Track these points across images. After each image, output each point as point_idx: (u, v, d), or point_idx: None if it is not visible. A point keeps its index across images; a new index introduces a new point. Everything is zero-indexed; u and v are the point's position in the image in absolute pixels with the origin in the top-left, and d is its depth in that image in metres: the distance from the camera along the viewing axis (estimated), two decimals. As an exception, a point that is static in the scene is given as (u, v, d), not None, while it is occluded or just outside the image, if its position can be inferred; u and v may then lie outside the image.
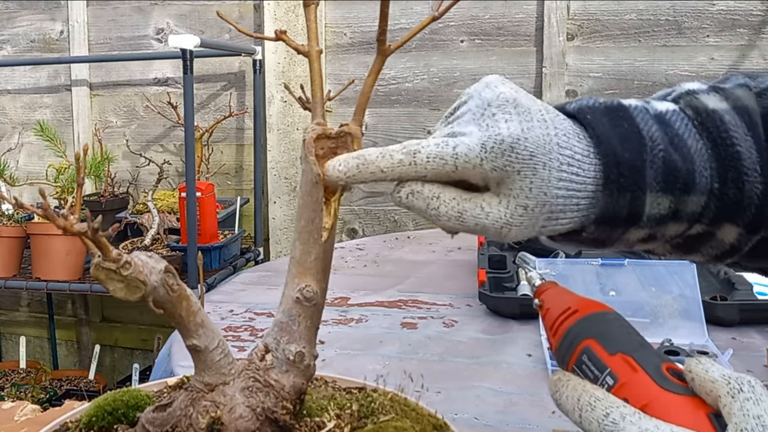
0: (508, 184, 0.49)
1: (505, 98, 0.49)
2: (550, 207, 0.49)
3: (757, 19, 2.39)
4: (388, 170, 0.49)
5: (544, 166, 0.48)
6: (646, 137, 0.50)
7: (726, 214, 0.52)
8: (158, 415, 0.51)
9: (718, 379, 0.42)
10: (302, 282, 0.53)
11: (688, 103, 0.54)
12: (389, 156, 0.49)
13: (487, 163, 0.48)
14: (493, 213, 0.49)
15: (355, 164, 0.50)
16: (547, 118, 0.50)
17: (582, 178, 0.49)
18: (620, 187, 0.49)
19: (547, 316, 0.55)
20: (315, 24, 0.55)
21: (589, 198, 0.50)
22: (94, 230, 0.44)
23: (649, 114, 0.52)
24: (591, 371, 0.48)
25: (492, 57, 2.61)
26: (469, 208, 0.49)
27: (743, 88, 0.55)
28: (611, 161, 0.49)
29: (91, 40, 3.01)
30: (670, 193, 0.50)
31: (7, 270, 2.45)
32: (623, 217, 0.50)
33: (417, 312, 1.36)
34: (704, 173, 0.51)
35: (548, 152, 0.48)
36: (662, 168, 0.50)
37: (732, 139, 0.51)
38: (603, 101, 0.53)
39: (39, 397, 2.66)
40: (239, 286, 1.58)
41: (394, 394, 0.59)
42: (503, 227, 0.49)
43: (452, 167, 0.49)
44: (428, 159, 0.49)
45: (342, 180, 0.50)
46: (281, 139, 2.76)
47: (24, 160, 3.16)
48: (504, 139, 0.48)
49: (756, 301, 1.25)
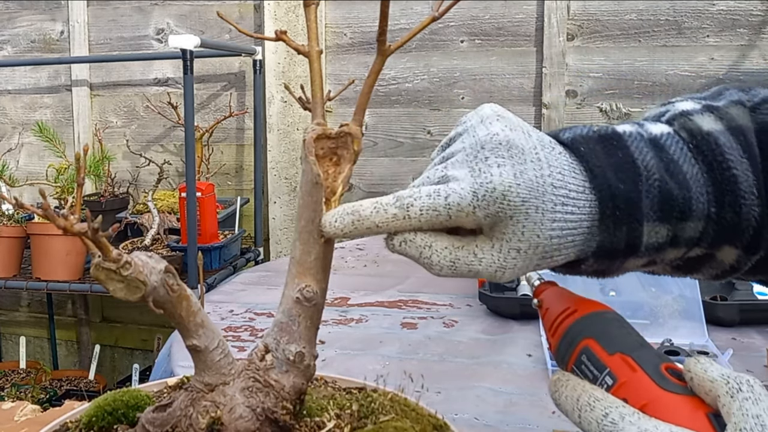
0: (500, 228, 0.48)
1: (498, 140, 0.49)
2: (544, 248, 0.49)
3: (757, 19, 2.40)
4: (383, 225, 0.50)
5: (536, 210, 0.48)
6: (641, 166, 0.50)
7: (725, 237, 0.51)
8: (158, 415, 0.51)
9: (717, 379, 0.42)
10: (302, 282, 0.53)
11: (683, 125, 0.53)
12: (383, 211, 0.50)
13: (480, 211, 0.48)
14: (486, 258, 0.49)
15: (350, 221, 0.50)
16: (541, 157, 0.49)
17: (577, 216, 0.49)
18: (617, 220, 0.49)
19: (546, 315, 0.55)
20: (315, 24, 0.55)
21: (584, 234, 0.49)
22: (94, 230, 0.44)
23: (644, 140, 0.51)
24: (590, 371, 0.48)
25: (492, 57, 2.61)
26: (461, 256, 0.49)
27: (737, 105, 0.54)
28: (606, 195, 0.49)
29: (91, 40, 3.01)
30: (667, 221, 0.50)
31: (7, 270, 2.45)
32: (621, 249, 0.50)
33: (417, 312, 1.36)
34: (701, 199, 0.50)
35: (541, 195, 0.48)
36: (658, 197, 0.49)
37: (728, 162, 0.51)
38: (597, 129, 0.52)
39: (39, 397, 2.66)
40: (239, 286, 1.58)
41: (394, 394, 0.59)
42: (497, 271, 0.49)
43: (445, 217, 0.49)
44: (421, 212, 0.49)
45: (339, 236, 0.51)
46: (281, 139, 2.76)
47: (24, 161, 3.17)
48: (496, 188, 0.47)
49: (756, 301, 1.25)
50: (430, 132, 2.68)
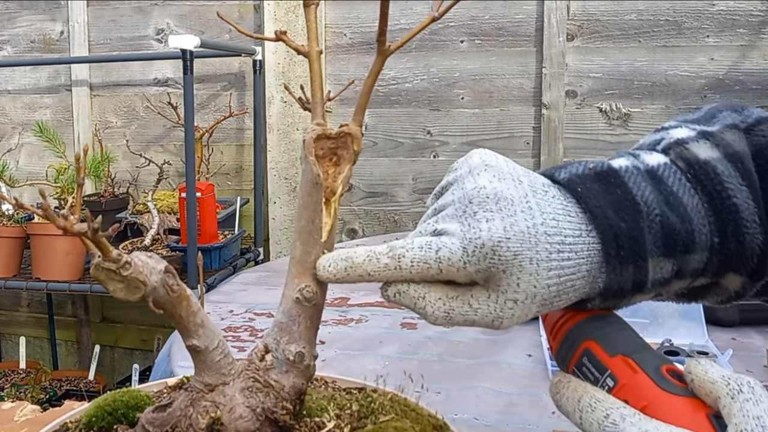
0: (495, 281, 0.48)
1: (485, 194, 0.48)
2: (542, 296, 0.48)
3: (757, 19, 2.39)
4: (375, 274, 0.50)
5: (530, 261, 0.47)
6: (641, 202, 0.49)
7: (729, 266, 0.51)
8: (158, 416, 0.51)
9: (717, 380, 0.42)
10: (302, 282, 0.53)
11: (679, 154, 0.52)
12: (376, 260, 0.49)
13: (471, 266, 0.47)
14: (482, 309, 0.49)
15: (344, 267, 0.50)
16: (533, 204, 0.48)
17: (575, 262, 0.48)
18: (621, 260, 0.48)
19: (547, 318, 0.55)
20: (315, 24, 0.55)
21: (584, 278, 0.49)
22: (94, 230, 0.44)
23: (641, 174, 0.51)
24: (591, 373, 0.48)
25: (492, 57, 2.61)
26: (456, 306, 0.49)
27: (732, 130, 0.53)
28: (609, 236, 0.48)
29: (91, 40, 3.01)
30: (672, 256, 0.49)
31: (7, 270, 2.45)
32: (629, 288, 0.49)
33: (417, 312, 1.36)
34: (703, 230, 0.50)
35: (534, 245, 0.47)
36: (661, 232, 0.49)
37: (727, 191, 0.50)
38: (593, 166, 0.51)
39: (39, 397, 2.66)
40: (239, 287, 1.58)
41: (394, 395, 0.59)
42: (494, 320, 0.49)
43: (436, 270, 0.48)
44: (413, 264, 0.48)
45: (331, 281, 0.51)
46: (281, 140, 2.76)
47: (24, 161, 3.16)
48: (485, 243, 0.47)
49: (756, 302, 1.25)
50: (429, 132, 2.68)
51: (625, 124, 2.48)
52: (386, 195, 2.75)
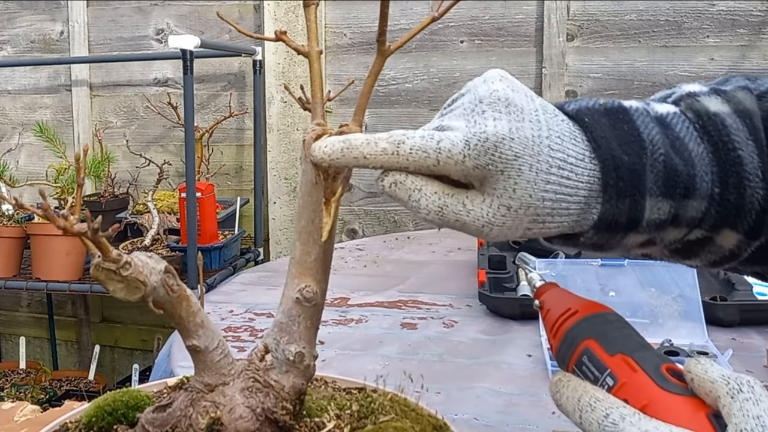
0: (491, 183, 0.48)
1: (497, 96, 0.49)
2: (536, 210, 0.48)
3: (757, 19, 2.39)
4: (371, 157, 0.49)
5: (530, 168, 0.47)
6: (647, 140, 0.49)
7: (726, 220, 0.51)
8: (158, 416, 0.51)
9: (717, 380, 0.42)
10: (302, 282, 0.53)
11: (689, 105, 0.53)
12: (374, 143, 0.49)
13: (470, 161, 0.47)
14: (475, 211, 0.49)
15: (340, 147, 0.49)
16: (541, 119, 0.49)
17: (574, 182, 0.48)
18: (619, 191, 0.48)
19: (547, 317, 0.55)
20: (315, 24, 0.55)
21: (580, 203, 0.49)
22: (94, 230, 0.44)
23: (650, 116, 0.51)
24: (591, 372, 0.48)
25: (492, 57, 2.61)
26: (450, 203, 0.49)
27: (744, 90, 0.54)
28: (610, 165, 0.48)
29: (91, 40, 3.01)
30: (671, 197, 0.49)
31: (7, 270, 2.45)
32: (623, 222, 0.49)
33: (417, 312, 1.36)
34: (705, 178, 0.50)
35: (537, 154, 0.47)
36: (663, 172, 0.49)
37: (733, 143, 0.50)
38: (603, 102, 0.52)
39: (39, 397, 2.66)
40: (239, 287, 1.58)
41: (394, 395, 0.59)
42: (484, 226, 0.49)
43: (434, 161, 0.48)
44: (411, 151, 0.48)
45: (325, 162, 0.50)
46: (281, 140, 2.76)
47: (24, 161, 3.16)
48: (489, 138, 0.47)
49: (756, 302, 1.25)
50: (430, 132, 2.68)
51: (625, 124, 2.48)
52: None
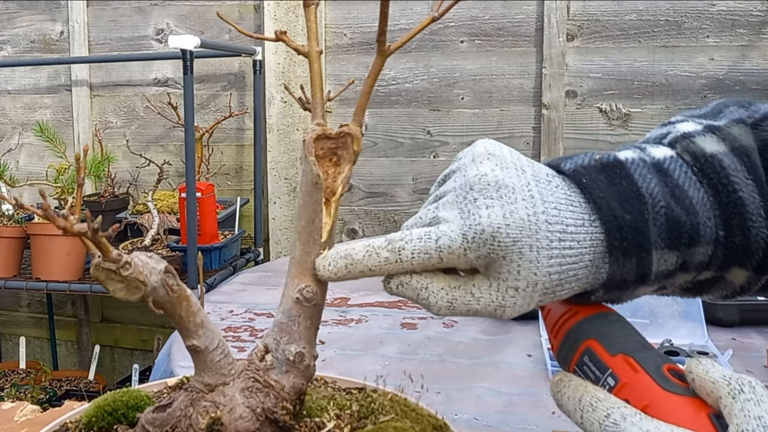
0: (496, 268, 0.48)
1: (486, 181, 0.48)
2: (544, 284, 0.48)
3: (757, 19, 2.39)
4: (375, 269, 0.50)
5: (530, 248, 0.47)
6: (646, 194, 0.49)
7: (734, 260, 0.51)
8: (158, 416, 0.51)
9: (718, 380, 0.42)
10: (302, 282, 0.52)
11: (685, 148, 0.52)
12: (375, 255, 0.50)
13: (471, 253, 0.48)
14: (485, 298, 0.49)
15: (344, 265, 0.50)
16: (534, 193, 0.48)
17: (577, 251, 0.48)
18: (625, 251, 0.48)
19: (548, 317, 0.55)
20: (315, 24, 0.55)
21: (587, 267, 0.49)
22: (94, 230, 0.44)
23: (647, 166, 0.51)
24: (592, 372, 0.48)
25: (492, 57, 2.61)
26: (459, 296, 0.49)
27: (738, 124, 0.53)
28: (612, 226, 0.48)
29: (91, 40, 3.01)
30: (676, 248, 0.49)
31: (7, 270, 2.45)
32: (632, 279, 0.49)
33: (417, 312, 1.36)
34: (708, 223, 0.49)
35: (534, 233, 0.47)
36: (665, 225, 0.49)
37: (733, 185, 0.50)
38: (599, 157, 0.51)
39: (39, 397, 2.66)
40: (239, 287, 1.58)
41: (394, 395, 0.59)
42: (497, 309, 0.49)
43: (437, 260, 0.48)
44: (413, 255, 0.49)
45: (333, 279, 0.51)
46: (281, 140, 2.76)
47: (24, 161, 3.16)
48: (484, 229, 0.47)
49: (756, 302, 1.25)
50: (429, 132, 2.68)
51: (625, 125, 2.48)
52: (386, 195, 2.75)
